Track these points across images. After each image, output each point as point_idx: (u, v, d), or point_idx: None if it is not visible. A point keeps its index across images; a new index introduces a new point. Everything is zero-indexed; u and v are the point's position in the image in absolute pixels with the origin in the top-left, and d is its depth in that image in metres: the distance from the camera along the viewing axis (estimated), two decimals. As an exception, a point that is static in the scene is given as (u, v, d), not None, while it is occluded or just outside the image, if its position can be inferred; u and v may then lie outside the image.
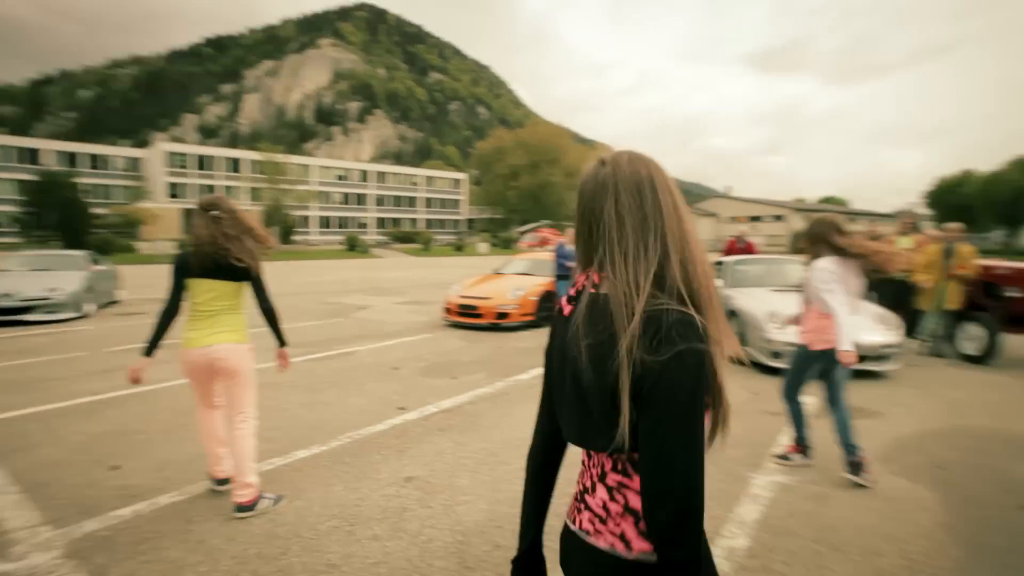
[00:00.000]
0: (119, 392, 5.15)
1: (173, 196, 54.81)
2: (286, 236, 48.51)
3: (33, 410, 4.68)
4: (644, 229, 0.92)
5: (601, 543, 0.97)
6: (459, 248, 50.82)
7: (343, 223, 65.37)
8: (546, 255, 10.65)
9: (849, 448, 3.44)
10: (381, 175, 71.60)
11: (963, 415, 4.84)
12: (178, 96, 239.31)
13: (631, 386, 0.84)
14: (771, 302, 6.35)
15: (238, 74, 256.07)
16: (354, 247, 45.52)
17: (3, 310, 8.94)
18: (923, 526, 2.91)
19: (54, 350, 7.12)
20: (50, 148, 53.59)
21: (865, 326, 6.10)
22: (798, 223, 65.02)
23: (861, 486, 3.35)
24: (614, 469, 0.96)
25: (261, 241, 3.01)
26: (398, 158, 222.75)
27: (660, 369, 0.82)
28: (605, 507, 0.97)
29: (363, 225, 67.09)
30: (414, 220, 71.93)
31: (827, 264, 3.44)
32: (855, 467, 3.40)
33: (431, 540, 2.72)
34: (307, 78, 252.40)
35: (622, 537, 0.93)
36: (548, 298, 9.56)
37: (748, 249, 10.81)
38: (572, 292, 1.00)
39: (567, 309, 0.98)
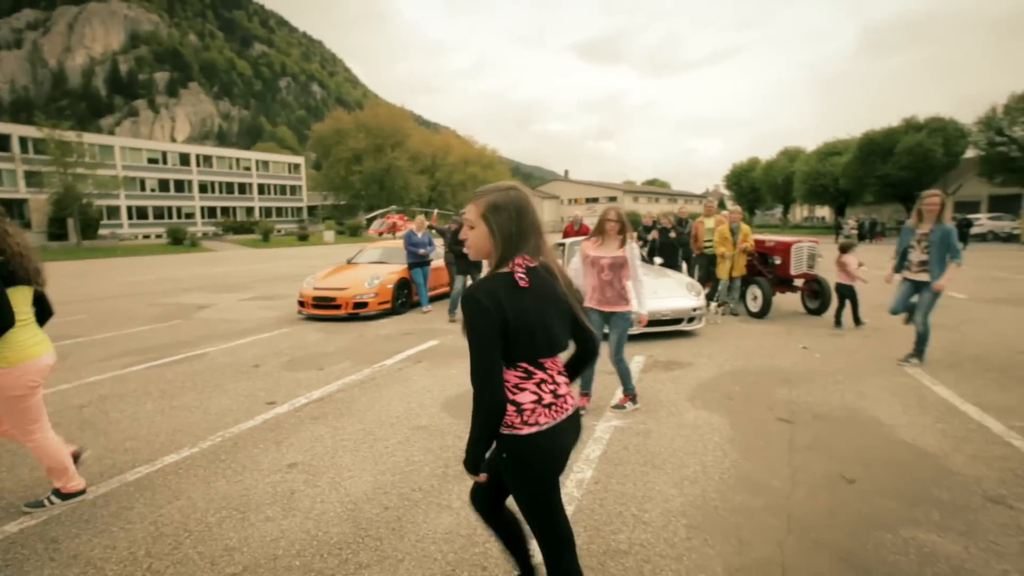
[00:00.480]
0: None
1: None
2: (89, 230, 41.57)
3: None
4: (542, 228, 1.71)
5: (573, 405, 1.77)
6: (304, 238, 47.89)
7: (161, 213, 57.49)
8: (399, 243, 10.79)
9: (629, 388, 4.59)
10: (206, 159, 63.69)
11: (747, 358, 6.17)
12: None
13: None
14: None
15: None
16: (180, 240, 40.71)
17: None
18: (715, 442, 3.84)
19: None
20: None
21: (679, 293, 7.37)
22: (629, 204, 72.51)
23: (626, 409, 4.54)
24: (557, 359, 1.75)
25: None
26: (222, 139, 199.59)
27: (576, 290, 1.79)
28: (568, 385, 1.77)
29: (189, 215, 59.64)
30: (249, 209, 65.76)
31: (637, 246, 4.34)
32: (634, 399, 4.61)
33: (324, 512, 2.96)
34: (92, 38, 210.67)
35: (575, 394, 1.88)
36: (404, 285, 9.74)
37: (583, 230, 12.04)
38: (521, 271, 1.58)
39: (525, 282, 1.61)
